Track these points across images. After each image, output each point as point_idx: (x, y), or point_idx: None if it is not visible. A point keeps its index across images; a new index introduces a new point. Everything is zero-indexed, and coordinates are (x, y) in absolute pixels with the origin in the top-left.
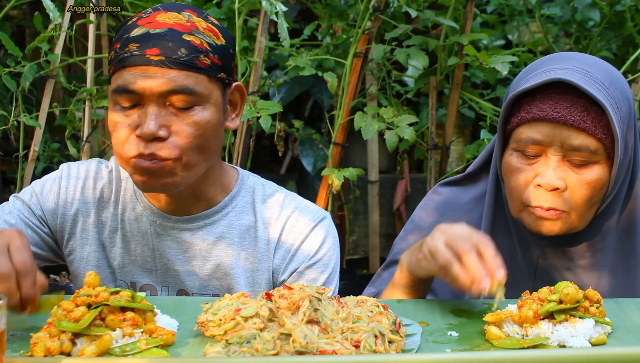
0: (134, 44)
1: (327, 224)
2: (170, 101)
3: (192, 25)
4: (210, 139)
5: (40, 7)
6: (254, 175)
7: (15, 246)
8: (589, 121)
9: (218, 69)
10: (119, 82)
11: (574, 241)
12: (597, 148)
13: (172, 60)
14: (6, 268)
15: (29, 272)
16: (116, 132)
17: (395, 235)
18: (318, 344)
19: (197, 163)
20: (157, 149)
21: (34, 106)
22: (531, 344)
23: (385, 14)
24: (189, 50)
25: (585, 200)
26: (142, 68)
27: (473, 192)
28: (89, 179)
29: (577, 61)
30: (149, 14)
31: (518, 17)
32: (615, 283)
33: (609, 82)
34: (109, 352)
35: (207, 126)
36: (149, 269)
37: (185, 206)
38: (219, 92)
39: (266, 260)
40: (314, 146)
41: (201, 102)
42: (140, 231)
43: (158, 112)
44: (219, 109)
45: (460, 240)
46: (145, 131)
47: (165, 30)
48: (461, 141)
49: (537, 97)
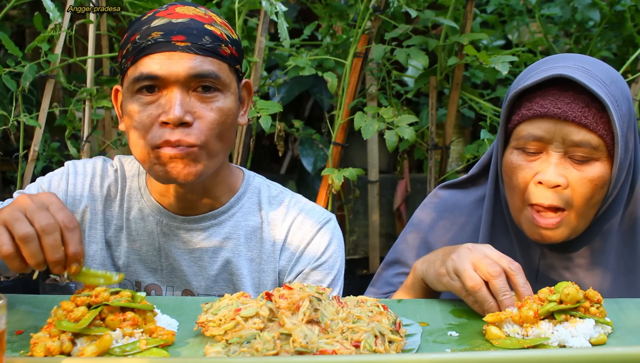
0: (158, 32)
1: (332, 227)
2: (194, 87)
3: (210, 18)
4: (230, 128)
5: (40, 7)
6: (260, 176)
7: (56, 205)
8: (590, 116)
9: (236, 60)
10: (142, 70)
11: (575, 243)
12: (599, 144)
13: (197, 46)
14: (51, 220)
15: (76, 228)
16: (137, 123)
17: (395, 235)
18: (318, 344)
19: (218, 151)
20: (184, 135)
21: (34, 106)
22: (531, 344)
23: (385, 14)
24: (212, 38)
25: (587, 198)
26: (168, 54)
27: (474, 195)
28: (96, 176)
29: (578, 60)
30: (166, 7)
31: (518, 17)
32: (617, 284)
33: (610, 81)
34: (109, 352)
35: (228, 113)
36: (154, 269)
37: (192, 205)
38: (235, 84)
39: (272, 262)
40: (314, 146)
41: (223, 89)
42: (146, 231)
43: (183, 98)
44: (236, 99)
45: (489, 262)
46: (171, 116)
47: (187, 20)
48: (461, 141)
49: (537, 94)
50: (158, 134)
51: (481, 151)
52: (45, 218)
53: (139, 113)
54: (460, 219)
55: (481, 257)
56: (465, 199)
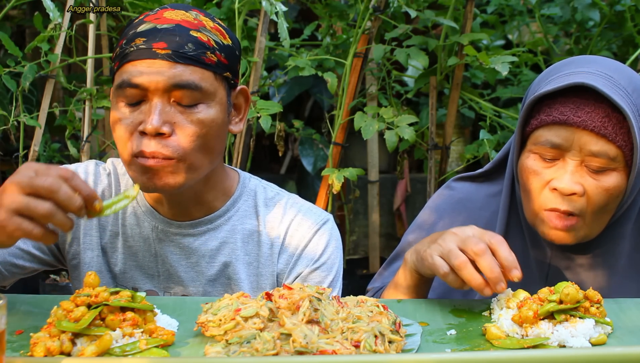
0: (141, 38)
1: (330, 227)
2: (175, 97)
3: (199, 23)
4: (214, 139)
5: (40, 7)
6: (255, 178)
7: (42, 167)
8: (609, 127)
9: (224, 68)
10: (124, 77)
11: (588, 246)
12: (617, 154)
13: (178, 54)
14: (50, 177)
15: (74, 174)
16: (118, 130)
17: (395, 235)
18: (318, 344)
19: (201, 164)
20: (159, 147)
21: (34, 106)
22: (531, 344)
23: (385, 14)
24: (196, 45)
25: (601, 207)
26: (148, 62)
27: (487, 190)
28: (88, 181)
29: (601, 65)
30: (156, 11)
31: (518, 17)
32: (628, 289)
33: (632, 89)
34: (109, 352)
35: (211, 124)
36: (151, 275)
37: (187, 210)
38: (224, 92)
39: (270, 265)
40: (314, 146)
41: (206, 99)
42: (142, 236)
43: (162, 107)
44: (224, 109)
45: (474, 241)
46: (148, 126)
47: (172, 25)
48: (461, 141)
49: (558, 100)
50: (137, 143)
51: (481, 151)
52: (46, 181)
53: (121, 120)
54: (472, 213)
55: (465, 237)
56: (478, 194)
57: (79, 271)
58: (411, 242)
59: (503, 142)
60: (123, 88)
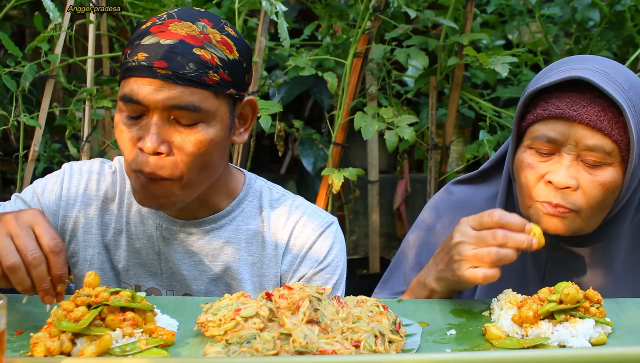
0: (143, 53)
1: (334, 230)
2: (175, 115)
3: (205, 37)
4: (212, 157)
5: (40, 7)
6: (261, 179)
7: (42, 226)
8: (605, 121)
9: (227, 85)
10: (125, 91)
11: (584, 245)
12: (612, 149)
13: (178, 75)
14: (37, 252)
15: (61, 251)
16: (121, 141)
17: (395, 235)
18: (318, 344)
19: (198, 181)
20: (157, 168)
21: (34, 106)
22: (531, 344)
23: (385, 14)
24: (198, 65)
25: (597, 202)
26: (149, 80)
27: (485, 192)
28: (91, 179)
29: (597, 62)
30: (163, 21)
31: (518, 17)
32: (625, 288)
33: (629, 85)
34: (109, 352)
35: (210, 144)
36: (154, 272)
37: (191, 211)
38: (226, 109)
39: (274, 266)
40: (314, 146)
41: (206, 119)
42: (146, 234)
43: (161, 125)
44: (225, 126)
45: (485, 234)
46: (147, 144)
47: (176, 42)
48: (461, 141)
49: (554, 94)
50: (136, 159)
51: (481, 151)
52: (31, 248)
53: (123, 132)
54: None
55: (473, 235)
56: (477, 196)
57: (79, 269)
58: (411, 243)
59: (503, 142)
60: (125, 101)
